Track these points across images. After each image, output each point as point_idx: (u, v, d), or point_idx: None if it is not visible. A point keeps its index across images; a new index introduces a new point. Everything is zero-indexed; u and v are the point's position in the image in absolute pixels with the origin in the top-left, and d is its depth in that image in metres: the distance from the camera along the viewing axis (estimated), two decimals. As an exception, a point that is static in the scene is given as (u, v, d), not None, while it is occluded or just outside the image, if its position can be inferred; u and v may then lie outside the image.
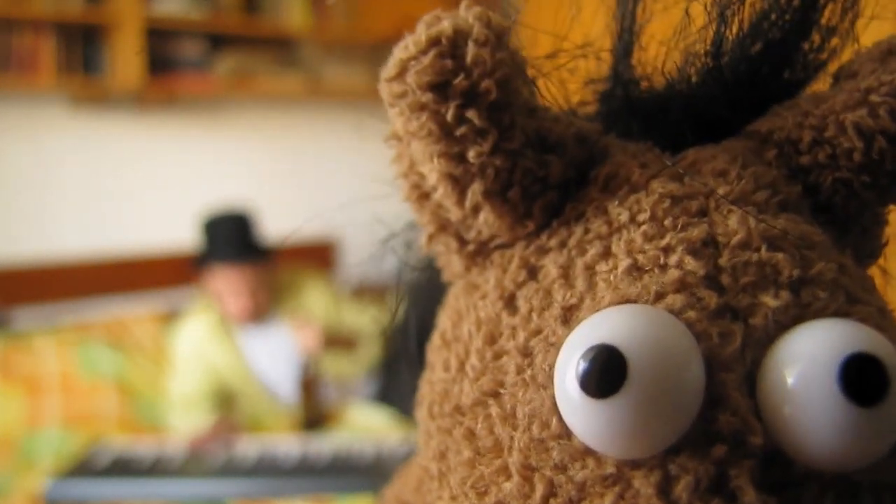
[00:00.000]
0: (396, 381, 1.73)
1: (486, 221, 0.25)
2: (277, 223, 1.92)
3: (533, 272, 0.24)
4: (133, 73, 1.85)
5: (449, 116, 0.22)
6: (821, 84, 0.27)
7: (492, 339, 0.24)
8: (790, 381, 0.18)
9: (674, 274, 0.20)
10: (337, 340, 1.65)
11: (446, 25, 0.21)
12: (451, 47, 0.21)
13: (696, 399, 0.18)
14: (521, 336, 0.23)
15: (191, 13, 1.95)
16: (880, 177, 0.23)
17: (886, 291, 0.26)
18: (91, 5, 1.82)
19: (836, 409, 0.17)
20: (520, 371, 0.22)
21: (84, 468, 1.32)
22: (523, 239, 0.26)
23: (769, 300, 0.20)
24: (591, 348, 0.19)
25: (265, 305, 1.66)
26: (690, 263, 0.21)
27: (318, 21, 2.16)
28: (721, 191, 0.23)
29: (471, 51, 0.21)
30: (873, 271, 0.27)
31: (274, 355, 1.66)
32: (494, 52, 0.21)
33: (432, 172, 0.24)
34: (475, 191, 0.24)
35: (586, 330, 0.20)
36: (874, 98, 0.23)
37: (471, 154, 0.22)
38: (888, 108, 0.22)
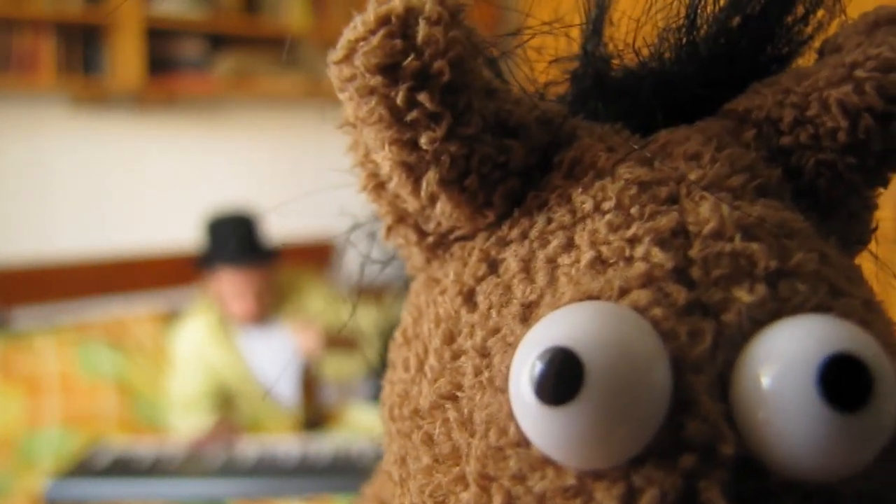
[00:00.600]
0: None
1: (444, 212, 0.23)
2: (277, 223, 1.92)
3: (493, 266, 0.23)
4: (133, 73, 1.85)
5: (399, 100, 0.20)
6: (806, 59, 0.26)
7: (450, 338, 0.23)
8: (765, 383, 0.17)
9: (640, 267, 0.19)
10: (337, 341, 1.65)
11: (397, 3, 0.20)
12: (401, 26, 0.20)
13: (662, 404, 0.17)
14: (479, 335, 0.21)
15: (191, 13, 1.96)
16: (867, 158, 0.21)
17: (878, 278, 0.25)
18: (91, 5, 1.82)
19: (814, 415, 0.16)
20: (477, 373, 0.21)
21: (84, 468, 1.32)
22: (484, 230, 0.24)
23: (743, 295, 0.18)
24: (546, 351, 0.17)
25: (269, 307, 1.66)
26: (657, 255, 0.19)
27: (318, 21, 2.16)
28: (693, 175, 0.21)
29: (422, 29, 0.20)
30: (864, 257, 0.25)
31: (274, 356, 1.66)
32: (448, 31, 0.20)
33: (385, 160, 0.22)
34: (430, 179, 0.22)
35: (542, 330, 0.18)
36: (859, 73, 0.21)
37: (423, 140, 0.21)
38: (875, 83, 0.21)
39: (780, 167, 0.22)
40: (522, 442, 0.18)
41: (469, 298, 0.23)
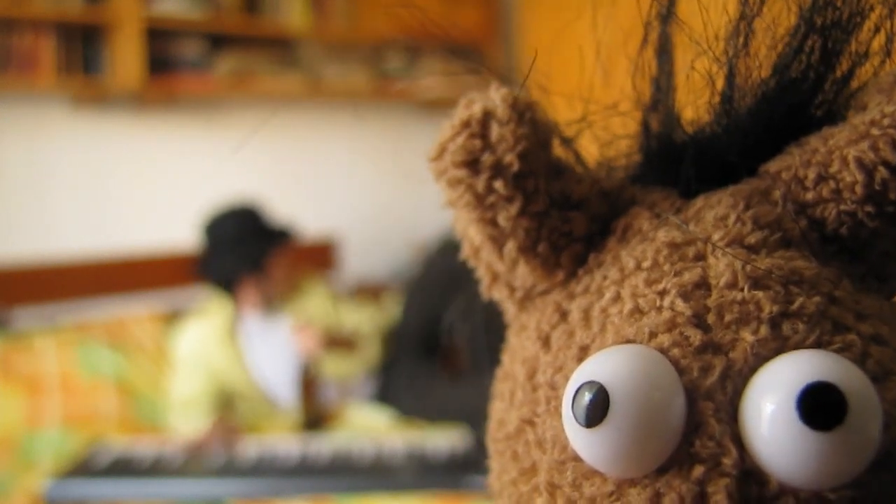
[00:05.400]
0: (396, 381, 1.73)
1: (524, 273, 0.29)
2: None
3: (564, 315, 0.27)
4: (133, 73, 1.85)
5: (480, 188, 0.25)
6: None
7: (532, 374, 0.27)
8: (762, 408, 0.20)
9: (666, 315, 0.23)
10: (336, 341, 1.65)
11: (476, 108, 0.25)
12: (480, 128, 0.25)
13: (678, 426, 0.21)
14: (549, 372, 0.26)
15: (191, 13, 1.96)
16: (885, 205, 0.24)
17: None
18: (91, 5, 1.82)
19: (796, 434, 0.19)
20: (548, 402, 0.25)
21: (84, 468, 1.32)
22: (558, 286, 0.29)
23: (747, 335, 0.22)
24: (583, 385, 0.21)
25: (286, 290, 1.71)
26: (679, 305, 0.23)
27: (318, 21, 2.16)
28: (717, 236, 0.25)
29: (494, 130, 0.25)
30: None
31: (275, 357, 1.66)
32: (516, 129, 0.25)
33: (476, 235, 0.29)
34: (510, 249, 0.28)
35: (585, 368, 0.22)
36: (875, 131, 0.23)
37: (500, 218, 0.26)
38: (888, 139, 0.23)
39: (804, 220, 0.26)
40: (577, 457, 0.23)
41: (546, 342, 0.27)
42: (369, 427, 1.59)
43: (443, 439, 1.42)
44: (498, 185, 0.25)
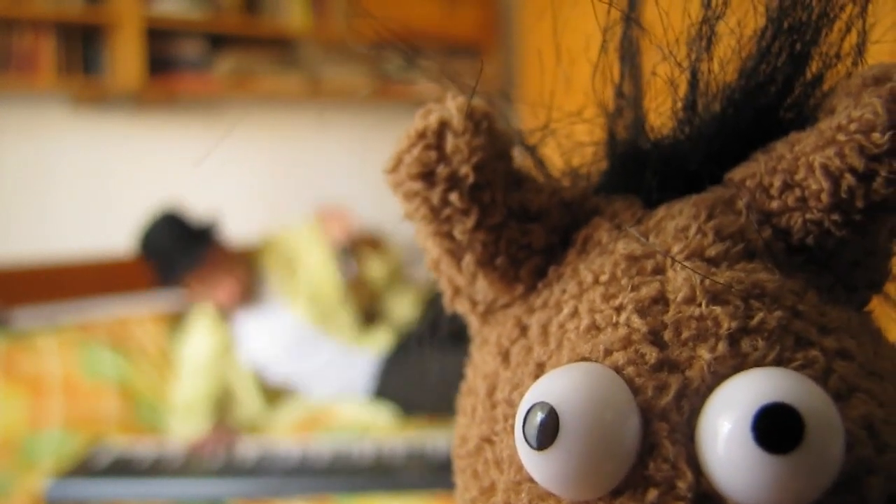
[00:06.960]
0: (395, 377, 1.72)
1: (482, 287, 0.28)
2: (277, 223, 1.92)
3: (524, 330, 0.27)
4: (133, 73, 1.85)
5: (435, 201, 0.25)
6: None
7: (491, 391, 0.26)
8: (718, 429, 0.19)
9: (622, 332, 0.22)
10: (364, 238, 1.66)
11: (432, 119, 0.25)
12: (435, 139, 0.24)
13: (632, 447, 0.20)
14: (507, 388, 0.25)
15: (191, 13, 1.95)
16: (852, 214, 0.23)
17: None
18: (91, 5, 1.82)
19: (751, 457, 0.18)
20: (506, 420, 0.24)
21: (84, 468, 1.32)
22: (518, 299, 0.28)
23: (704, 353, 0.21)
24: (534, 405, 0.21)
25: (250, 281, 1.68)
26: (636, 321, 0.22)
27: (318, 21, 2.16)
28: (676, 248, 0.24)
29: (450, 141, 0.24)
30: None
31: (273, 334, 1.67)
32: (472, 140, 0.24)
33: (434, 248, 0.27)
34: (468, 262, 0.27)
35: (536, 388, 0.21)
36: (841, 137, 0.22)
37: (456, 232, 0.26)
38: (855, 145, 0.22)
39: (769, 229, 0.25)
40: (532, 478, 0.22)
41: (505, 358, 0.27)
42: (366, 425, 1.59)
43: (443, 439, 1.42)
44: (453, 197, 0.25)
